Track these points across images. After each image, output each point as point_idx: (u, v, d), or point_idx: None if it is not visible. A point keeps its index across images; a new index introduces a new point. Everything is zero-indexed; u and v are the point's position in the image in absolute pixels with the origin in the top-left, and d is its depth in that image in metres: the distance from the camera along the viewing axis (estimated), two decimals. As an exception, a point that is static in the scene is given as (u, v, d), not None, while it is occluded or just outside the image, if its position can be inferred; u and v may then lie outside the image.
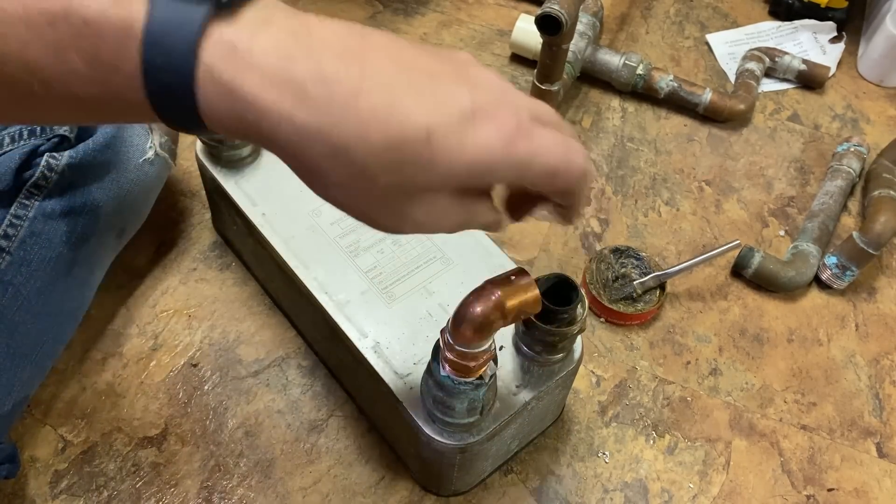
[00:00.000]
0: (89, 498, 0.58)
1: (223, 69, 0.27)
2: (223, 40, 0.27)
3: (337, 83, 0.28)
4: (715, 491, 0.61)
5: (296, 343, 0.67)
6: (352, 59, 0.29)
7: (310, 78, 0.28)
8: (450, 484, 0.57)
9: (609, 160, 0.83)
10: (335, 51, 0.29)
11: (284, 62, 0.28)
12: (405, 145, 0.29)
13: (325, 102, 0.28)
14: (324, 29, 0.29)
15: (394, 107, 0.28)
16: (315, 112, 0.28)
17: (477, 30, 0.95)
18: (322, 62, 0.28)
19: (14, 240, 0.54)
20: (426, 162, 0.29)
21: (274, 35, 0.28)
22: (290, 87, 0.28)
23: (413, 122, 0.29)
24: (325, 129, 0.28)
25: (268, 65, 0.28)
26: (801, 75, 0.91)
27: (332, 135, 0.28)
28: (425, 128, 0.29)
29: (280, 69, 0.28)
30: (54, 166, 0.55)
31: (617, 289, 0.70)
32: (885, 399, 0.67)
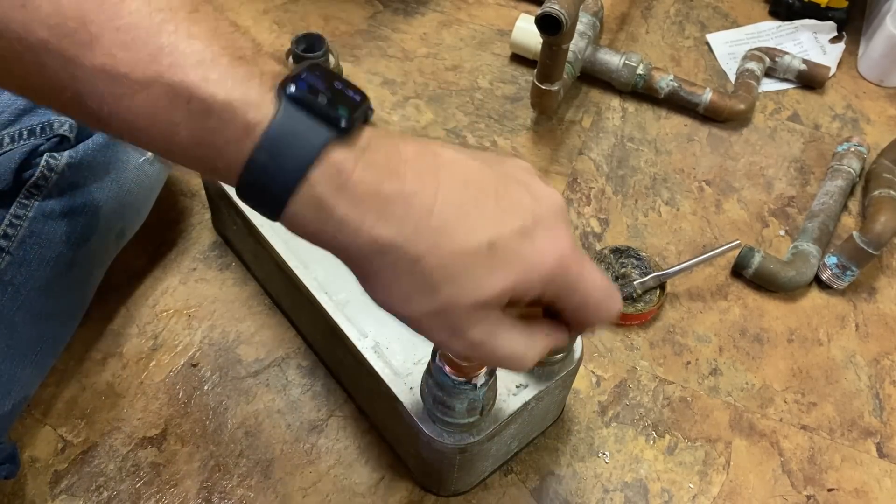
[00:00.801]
0: (89, 498, 0.58)
1: (324, 186, 0.29)
2: (332, 162, 0.29)
3: (415, 201, 0.30)
4: (715, 491, 0.61)
5: (296, 343, 0.67)
6: (428, 177, 0.31)
7: (394, 196, 0.30)
8: (450, 484, 0.57)
9: (609, 160, 0.83)
10: (416, 169, 0.31)
11: (375, 182, 0.30)
12: (469, 256, 0.31)
13: (403, 218, 0.30)
14: (406, 145, 0.32)
15: (462, 221, 0.31)
16: (394, 227, 0.30)
17: (477, 30, 0.95)
18: (404, 180, 0.30)
19: (14, 239, 0.54)
20: (486, 271, 0.31)
21: (372, 159, 0.30)
22: (377, 203, 0.30)
23: (478, 234, 0.31)
24: (398, 242, 0.30)
25: (363, 184, 0.30)
26: (802, 75, 0.91)
27: (406, 248, 0.30)
28: (487, 240, 0.31)
29: (372, 188, 0.30)
30: (54, 166, 0.55)
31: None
32: (885, 399, 0.67)
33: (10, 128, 0.54)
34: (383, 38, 0.93)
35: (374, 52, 0.91)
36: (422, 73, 0.90)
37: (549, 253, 0.32)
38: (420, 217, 0.30)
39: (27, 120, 0.54)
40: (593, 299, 0.35)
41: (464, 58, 0.92)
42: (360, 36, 0.93)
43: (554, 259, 0.32)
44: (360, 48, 0.92)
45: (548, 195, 0.34)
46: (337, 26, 0.94)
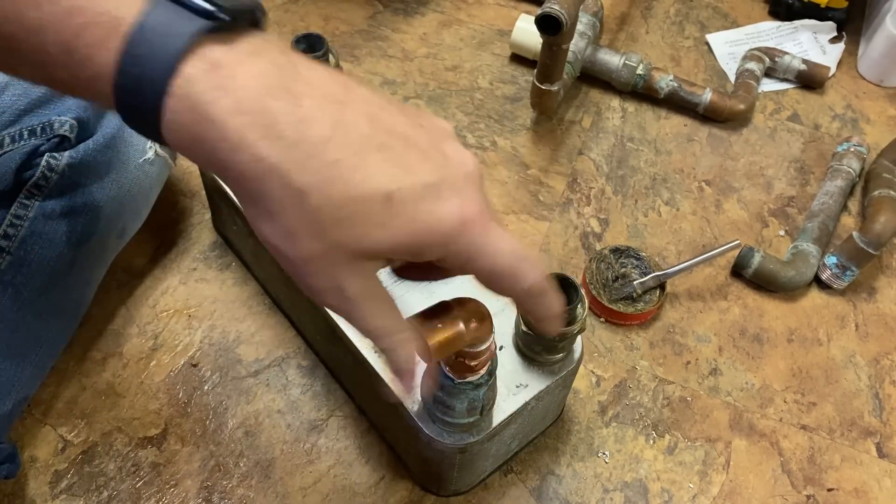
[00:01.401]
0: (89, 498, 0.58)
1: (199, 84, 0.27)
2: (208, 57, 0.27)
3: (310, 127, 0.28)
4: (715, 491, 0.61)
5: (296, 343, 0.67)
6: (331, 107, 0.28)
7: (283, 114, 0.27)
8: (450, 484, 0.57)
9: (609, 160, 0.83)
10: (316, 95, 0.28)
11: (263, 92, 0.27)
12: (362, 203, 0.28)
13: (293, 143, 0.27)
14: (311, 71, 0.29)
15: (360, 164, 0.28)
16: (280, 149, 0.27)
17: (477, 30, 0.95)
18: (300, 102, 0.28)
19: (14, 240, 0.54)
20: (379, 223, 0.28)
21: (260, 65, 0.28)
22: (262, 118, 0.27)
23: (375, 182, 0.28)
24: (285, 167, 0.27)
25: (245, 90, 0.27)
26: (801, 75, 0.91)
27: (291, 176, 0.27)
28: (385, 191, 0.28)
29: (256, 98, 0.27)
30: (55, 166, 0.55)
31: (617, 289, 0.70)
32: (885, 399, 0.67)
33: (11, 128, 0.54)
34: (383, 38, 0.93)
35: (374, 52, 0.91)
36: (422, 73, 0.90)
37: (451, 215, 0.29)
38: (313, 146, 0.27)
39: (28, 120, 0.54)
40: (501, 266, 0.31)
41: (464, 58, 0.92)
42: (360, 36, 0.93)
43: (455, 221, 0.30)
44: (360, 48, 0.92)
45: (461, 157, 0.32)
46: (337, 26, 0.94)
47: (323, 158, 0.28)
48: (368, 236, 0.29)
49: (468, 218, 0.30)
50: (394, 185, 0.28)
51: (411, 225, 0.29)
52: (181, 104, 0.27)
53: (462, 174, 0.31)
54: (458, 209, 0.30)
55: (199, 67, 0.27)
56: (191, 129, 0.27)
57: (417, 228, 0.29)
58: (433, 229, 0.29)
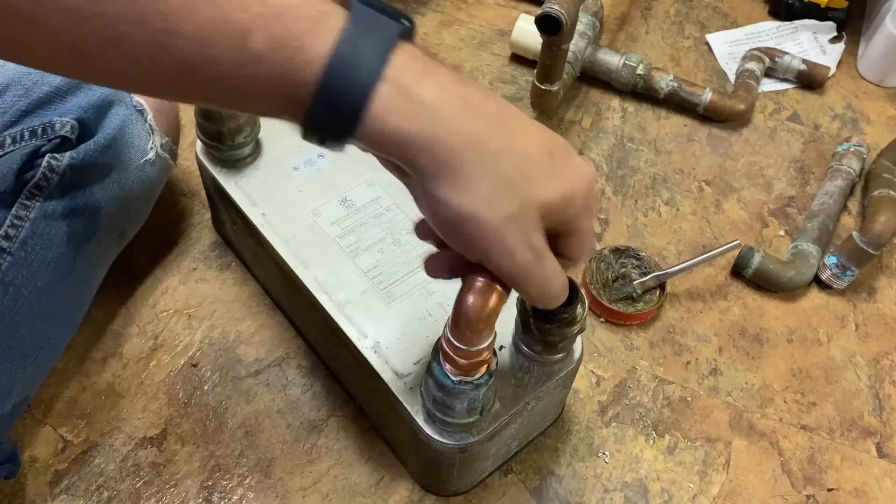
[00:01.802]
0: (89, 498, 0.58)
1: (409, 72, 0.31)
2: (409, 52, 0.32)
3: (486, 105, 0.34)
4: (715, 491, 0.61)
5: (296, 343, 0.67)
6: (488, 94, 0.34)
7: (472, 94, 0.33)
8: (450, 484, 0.57)
9: (609, 160, 0.83)
10: (475, 86, 0.34)
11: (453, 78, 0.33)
12: (536, 161, 0.35)
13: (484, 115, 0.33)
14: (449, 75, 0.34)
15: (525, 131, 0.35)
16: (478, 120, 0.33)
17: (477, 30, 0.95)
18: (472, 90, 0.34)
19: (15, 240, 0.54)
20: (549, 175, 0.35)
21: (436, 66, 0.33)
22: (461, 96, 0.33)
23: (540, 143, 0.35)
24: (485, 135, 0.33)
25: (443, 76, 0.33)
26: (801, 75, 0.91)
27: (489, 142, 0.33)
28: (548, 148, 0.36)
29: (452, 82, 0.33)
30: (56, 167, 0.55)
31: (617, 289, 0.70)
32: (884, 399, 0.67)
33: (12, 129, 0.54)
34: (383, 38, 0.93)
35: (374, 52, 0.91)
36: (422, 73, 0.89)
37: (587, 171, 0.37)
38: (495, 118, 0.33)
39: (29, 121, 0.54)
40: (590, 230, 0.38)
41: (464, 58, 0.92)
42: (360, 36, 0.93)
43: (591, 177, 0.37)
44: (361, 48, 0.92)
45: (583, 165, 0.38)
46: (337, 26, 0.94)
47: (503, 126, 0.34)
48: (545, 188, 0.34)
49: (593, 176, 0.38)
50: (552, 147, 0.35)
51: (568, 177, 0.35)
52: (394, 89, 0.31)
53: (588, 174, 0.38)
54: (587, 168, 0.37)
55: (406, 58, 0.31)
56: (404, 112, 0.31)
57: (571, 179, 0.36)
58: (580, 181, 0.36)
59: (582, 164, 0.37)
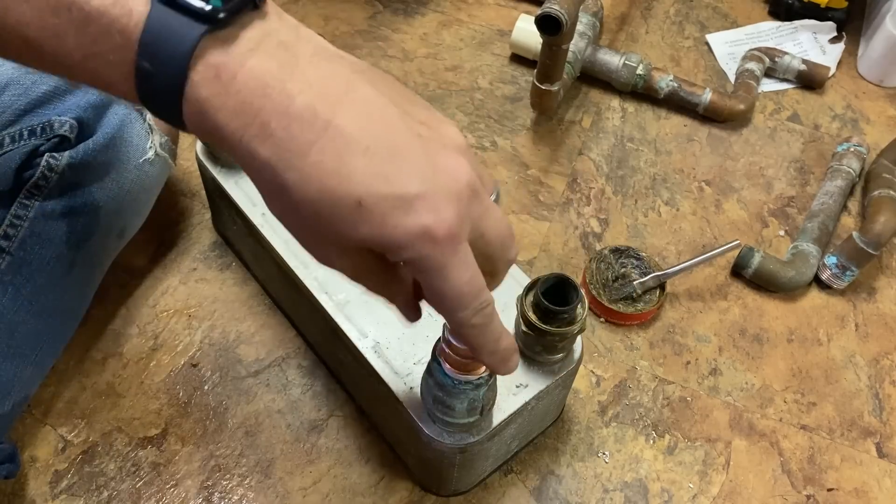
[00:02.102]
0: (89, 498, 0.58)
1: (204, 90, 0.29)
2: (210, 63, 0.28)
3: (298, 127, 0.29)
4: (715, 491, 0.61)
5: (296, 343, 0.67)
6: (323, 107, 0.29)
7: (276, 114, 0.29)
8: (450, 484, 0.57)
9: (609, 160, 0.83)
10: (312, 93, 0.29)
11: (259, 92, 0.29)
12: (334, 204, 0.30)
13: (281, 141, 0.29)
14: (312, 66, 0.30)
15: (339, 167, 0.29)
16: (271, 147, 0.29)
17: (477, 30, 0.95)
18: (293, 102, 0.29)
19: (14, 240, 0.54)
20: (349, 223, 0.30)
21: (259, 62, 0.29)
22: (257, 118, 0.29)
23: (348, 186, 0.29)
24: (272, 163, 0.29)
25: (244, 92, 0.29)
26: (801, 75, 0.91)
27: (276, 172, 0.29)
28: (357, 197, 0.29)
29: (253, 98, 0.29)
30: (54, 166, 0.55)
31: (617, 289, 0.70)
32: (884, 399, 0.67)
33: (11, 128, 0.54)
34: (383, 38, 0.93)
35: (374, 52, 0.91)
36: (422, 73, 0.90)
37: (416, 228, 0.30)
38: (298, 146, 0.29)
39: (28, 120, 0.54)
40: (449, 292, 0.32)
41: (464, 58, 0.92)
42: (360, 36, 0.93)
43: (416, 236, 0.30)
44: (360, 48, 0.92)
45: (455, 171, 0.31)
46: (337, 26, 0.94)
47: (306, 159, 0.29)
48: (340, 233, 0.30)
49: (435, 237, 0.30)
50: (365, 191, 0.29)
51: (378, 231, 0.30)
52: (192, 108, 0.29)
53: (448, 189, 0.31)
54: (427, 226, 0.30)
55: (202, 74, 0.28)
56: (203, 128, 0.30)
57: (383, 235, 0.30)
58: (397, 239, 0.30)
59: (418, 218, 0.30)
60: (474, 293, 0.33)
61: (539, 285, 0.50)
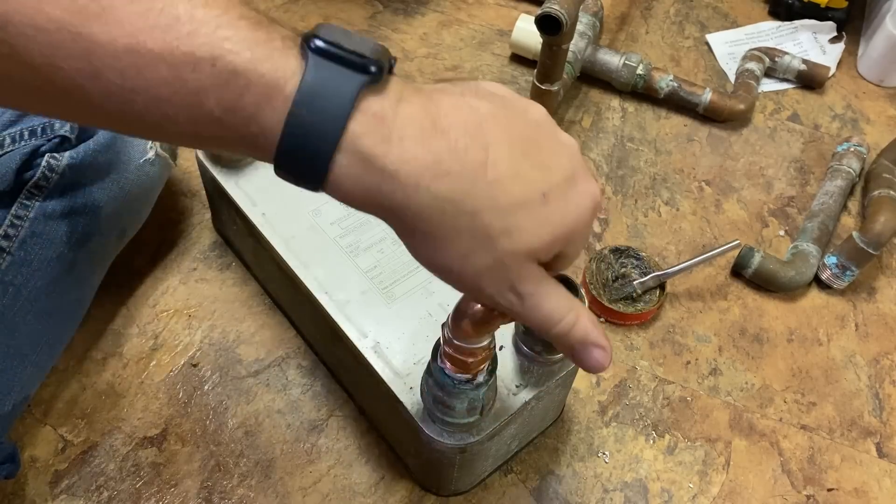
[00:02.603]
0: (89, 498, 0.58)
1: (368, 139, 0.29)
2: (370, 111, 0.29)
3: (466, 155, 0.30)
4: (715, 491, 0.61)
5: (296, 343, 0.67)
6: (475, 132, 0.31)
7: (444, 151, 0.30)
8: (450, 484, 0.57)
9: (609, 160, 0.83)
10: (460, 124, 0.31)
11: (421, 135, 0.30)
12: (525, 206, 0.31)
13: (458, 174, 0.30)
14: (447, 103, 0.31)
15: (516, 175, 0.31)
16: (449, 184, 0.30)
17: (477, 30, 0.95)
18: (452, 136, 0.30)
19: (15, 240, 0.54)
20: (541, 220, 0.32)
21: (411, 110, 0.30)
22: (428, 160, 0.30)
23: (531, 186, 0.32)
24: (457, 197, 0.30)
25: (407, 138, 0.29)
26: (801, 75, 0.91)
27: (464, 203, 0.30)
28: (541, 190, 0.32)
29: (418, 142, 0.30)
30: (55, 167, 0.55)
31: (617, 289, 0.70)
32: (884, 399, 0.67)
33: (11, 128, 0.54)
34: (383, 38, 0.93)
35: (374, 52, 0.91)
36: (422, 73, 0.90)
37: (589, 198, 0.34)
38: (475, 172, 0.30)
39: (28, 120, 0.54)
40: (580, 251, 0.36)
41: (464, 58, 0.92)
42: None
43: (593, 204, 0.34)
44: (360, 48, 0.92)
45: (570, 140, 0.35)
46: (337, 26, 0.94)
47: (486, 180, 0.31)
48: (532, 236, 0.32)
49: (597, 198, 0.35)
50: (545, 185, 0.32)
51: (567, 216, 0.33)
52: (352, 158, 0.29)
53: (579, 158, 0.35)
54: (591, 193, 0.34)
55: (364, 123, 0.29)
56: (364, 181, 0.30)
57: (572, 217, 0.33)
58: (582, 215, 0.33)
59: (583, 196, 0.34)
60: None
61: None
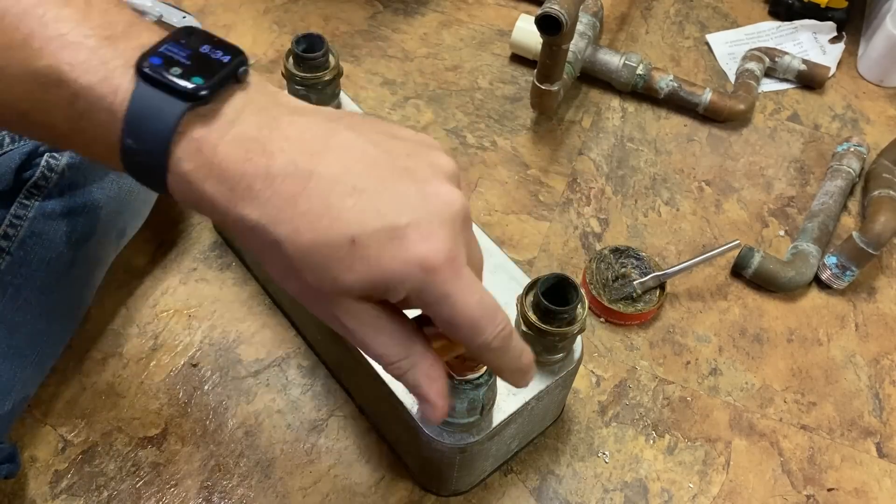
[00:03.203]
0: (89, 498, 0.58)
1: (188, 163, 0.29)
2: (193, 138, 0.29)
3: (282, 183, 0.29)
4: (715, 491, 0.61)
5: (296, 343, 0.67)
6: (304, 159, 0.30)
7: (259, 176, 0.29)
8: (450, 484, 0.57)
9: (609, 160, 0.83)
10: (292, 150, 0.30)
11: (242, 159, 0.29)
12: (328, 248, 0.29)
13: (267, 200, 0.29)
14: (291, 124, 0.31)
15: (328, 210, 0.29)
16: (257, 208, 0.29)
17: (477, 30, 0.95)
18: (275, 161, 0.29)
19: (14, 240, 0.54)
20: (346, 266, 0.30)
21: (240, 131, 0.30)
22: (241, 183, 0.29)
23: (340, 227, 0.29)
24: (262, 223, 0.29)
25: (227, 162, 0.29)
26: (801, 75, 0.91)
27: (267, 230, 0.29)
28: (350, 235, 0.29)
29: (236, 166, 0.29)
30: (54, 166, 0.55)
31: (617, 289, 0.70)
32: (884, 399, 0.67)
33: (11, 128, 0.54)
34: (383, 38, 0.93)
35: (374, 52, 0.91)
36: (422, 73, 0.90)
37: (415, 258, 0.30)
38: (285, 201, 0.29)
39: (27, 120, 0.54)
40: (462, 318, 0.31)
41: (464, 58, 0.92)
42: (360, 36, 0.93)
43: (417, 266, 0.30)
44: (360, 48, 0.92)
45: (447, 197, 0.31)
46: (337, 26, 0.94)
47: (294, 210, 0.29)
48: (338, 279, 0.30)
49: (433, 264, 0.30)
50: (358, 229, 0.29)
51: (376, 267, 0.30)
52: (178, 181, 0.30)
53: (441, 215, 0.31)
54: (424, 254, 0.30)
55: (185, 149, 0.29)
56: (190, 199, 0.30)
57: (382, 270, 0.30)
58: (395, 272, 0.30)
59: (411, 250, 0.30)
60: (488, 316, 0.32)
61: (539, 285, 0.50)
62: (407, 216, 0.30)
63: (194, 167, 0.29)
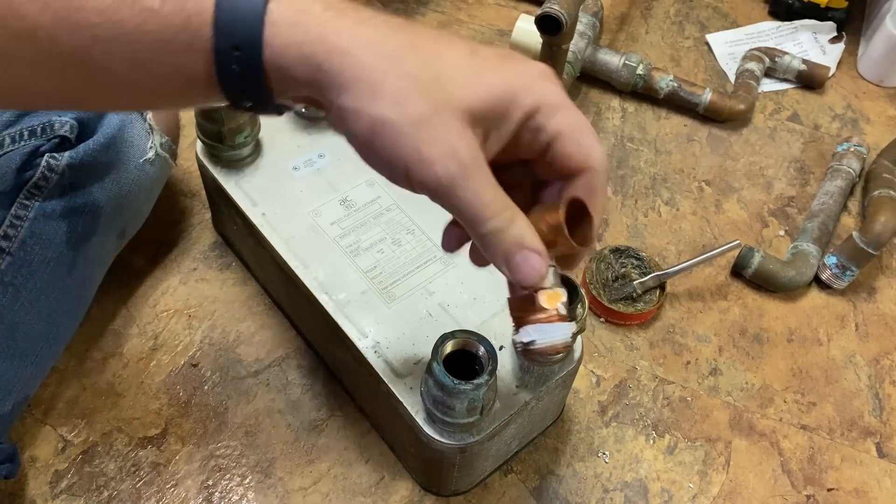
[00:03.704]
0: (89, 498, 0.58)
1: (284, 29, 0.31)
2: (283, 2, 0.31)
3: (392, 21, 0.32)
4: (715, 491, 0.61)
5: (296, 343, 0.67)
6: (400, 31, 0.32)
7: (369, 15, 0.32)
8: (450, 484, 0.57)
9: (609, 160, 0.83)
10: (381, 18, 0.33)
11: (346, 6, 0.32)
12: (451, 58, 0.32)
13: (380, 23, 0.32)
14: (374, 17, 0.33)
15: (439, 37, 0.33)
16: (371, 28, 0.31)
17: (477, 30, 0.95)
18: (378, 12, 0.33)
19: (14, 240, 0.54)
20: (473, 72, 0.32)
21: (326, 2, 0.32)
22: (351, 10, 0.31)
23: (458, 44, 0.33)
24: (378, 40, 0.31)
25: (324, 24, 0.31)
26: (801, 75, 0.91)
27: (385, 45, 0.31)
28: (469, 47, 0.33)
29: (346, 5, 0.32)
30: (55, 167, 0.55)
31: (617, 289, 0.70)
32: (884, 399, 0.67)
33: (11, 128, 0.54)
34: (383, 38, 0.93)
35: (374, 52, 0.91)
36: (422, 73, 0.89)
37: (534, 69, 0.33)
38: (398, 26, 0.32)
39: (28, 120, 0.54)
40: (581, 123, 0.34)
41: (464, 58, 0.92)
42: (360, 36, 0.93)
43: (538, 75, 0.33)
44: (360, 48, 0.92)
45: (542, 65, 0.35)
46: (337, 26, 0.94)
47: (408, 31, 0.32)
48: (466, 88, 0.31)
49: (550, 73, 0.33)
50: (474, 45, 0.32)
51: (501, 72, 0.32)
52: (285, 14, 0.30)
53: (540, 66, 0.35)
54: (542, 66, 0.33)
55: (279, 10, 0.30)
56: (293, 37, 0.31)
57: (507, 74, 0.32)
58: (522, 72, 0.32)
59: (528, 61, 0.33)
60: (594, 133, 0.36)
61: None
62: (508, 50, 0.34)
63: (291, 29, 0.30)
